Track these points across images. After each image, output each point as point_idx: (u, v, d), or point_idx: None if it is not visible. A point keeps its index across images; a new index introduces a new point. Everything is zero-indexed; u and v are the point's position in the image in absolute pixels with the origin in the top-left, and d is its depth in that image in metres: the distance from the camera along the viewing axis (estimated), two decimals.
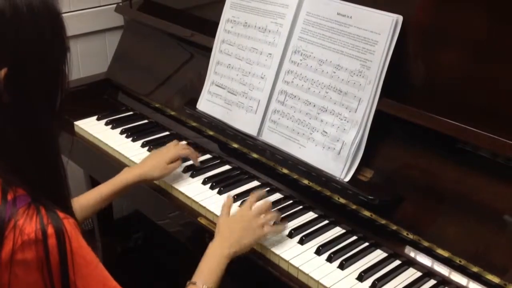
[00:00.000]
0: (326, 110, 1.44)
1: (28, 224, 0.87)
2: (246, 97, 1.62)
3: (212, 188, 1.55)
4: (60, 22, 0.93)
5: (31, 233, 0.87)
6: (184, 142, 1.69)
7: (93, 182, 2.13)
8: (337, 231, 1.39)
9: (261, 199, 1.39)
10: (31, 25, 0.88)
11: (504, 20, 1.23)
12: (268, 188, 1.55)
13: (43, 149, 0.95)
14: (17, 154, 0.92)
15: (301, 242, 1.34)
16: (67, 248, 0.89)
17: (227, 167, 1.66)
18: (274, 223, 1.35)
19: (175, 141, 1.64)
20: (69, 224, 0.91)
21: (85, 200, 1.42)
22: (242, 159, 1.65)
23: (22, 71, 0.89)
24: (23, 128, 0.91)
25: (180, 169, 1.61)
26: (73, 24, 0.97)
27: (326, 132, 1.44)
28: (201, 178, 1.59)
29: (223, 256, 1.22)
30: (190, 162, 1.64)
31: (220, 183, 1.56)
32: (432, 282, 1.24)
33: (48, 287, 0.89)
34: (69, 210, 0.97)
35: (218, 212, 1.41)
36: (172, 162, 1.54)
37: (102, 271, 0.97)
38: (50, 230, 0.88)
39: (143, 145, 1.77)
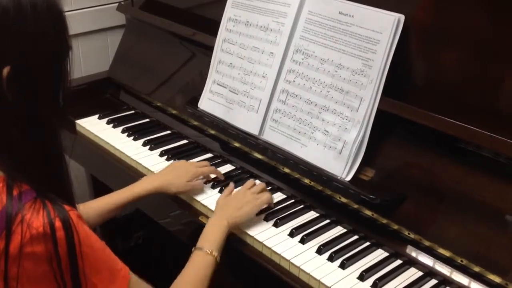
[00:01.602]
0: (327, 109, 1.44)
1: (35, 218, 0.88)
2: (247, 96, 1.61)
3: (213, 187, 1.54)
4: (62, 21, 0.95)
5: (39, 227, 0.88)
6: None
7: (94, 181, 2.13)
8: (338, 230, 1.39)
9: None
10: (35, 24, 0.90)
11: (506, 20, 1.23)
12: (269, 188, 1.55)
13: (46, 145, 0.96)
14: (21, 151, 0.93)
15: (302, 241, 1.34)
16: (75, 239, 0.91)
17: (228, 166, 1.66)
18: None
19: (205, 163, 1.59)
20: (74, 215, 0.93)
21: (91, 209, 1.40)
22: (243, 158, 1.65)
23: (25, 69, 0.90)
24: (26, 125, 0.93)
25: None
26: (74, 22, 0.97)
27: (328, 131, 1.43)
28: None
29: (223, 225, 1.31)
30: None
31: (222, 182, 1.56)
32: (433, 281, 1.24)
33: (57, 278, 0.91)
34: (73, 203, 0.98)
35: None
36: (192, 179, 1.50)
37: (109, 255, 1.00)
38: (58, 223, 0.90)
39: (144, 144, 1.77)
